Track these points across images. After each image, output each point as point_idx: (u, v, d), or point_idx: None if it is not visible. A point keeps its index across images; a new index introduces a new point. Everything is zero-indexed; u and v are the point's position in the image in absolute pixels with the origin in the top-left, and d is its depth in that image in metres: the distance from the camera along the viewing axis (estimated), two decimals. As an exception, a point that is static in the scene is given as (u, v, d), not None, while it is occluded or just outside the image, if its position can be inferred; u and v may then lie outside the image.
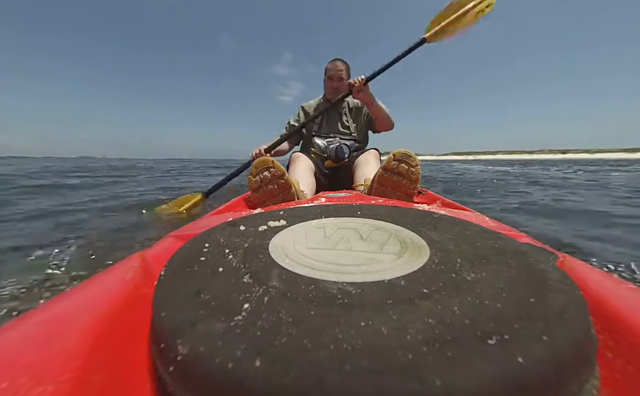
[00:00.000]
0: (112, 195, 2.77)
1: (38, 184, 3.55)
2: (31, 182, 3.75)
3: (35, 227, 1.51)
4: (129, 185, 3.72)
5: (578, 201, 2.39)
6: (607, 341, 0.23)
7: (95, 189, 3.33)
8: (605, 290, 0.27)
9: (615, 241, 1.23)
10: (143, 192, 3.05)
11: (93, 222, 1.64)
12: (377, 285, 0.25)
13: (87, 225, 1.55)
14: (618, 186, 3.54)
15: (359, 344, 0.18)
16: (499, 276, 0.26)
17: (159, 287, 0.27)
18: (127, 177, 5.09)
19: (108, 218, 1.76)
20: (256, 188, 0.95)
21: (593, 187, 3.55)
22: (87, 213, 1.87)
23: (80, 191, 3.11)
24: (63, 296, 0.28)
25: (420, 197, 1.18)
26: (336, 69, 1.61)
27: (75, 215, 1.80)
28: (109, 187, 3.52)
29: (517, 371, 0.16)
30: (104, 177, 5.02)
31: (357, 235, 0.39)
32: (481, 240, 0.36)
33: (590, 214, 1.80)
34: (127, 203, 2.26)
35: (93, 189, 3.25)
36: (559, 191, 3.08)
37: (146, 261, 0.36)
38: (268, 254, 0.33)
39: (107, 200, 2.43)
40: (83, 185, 3.64)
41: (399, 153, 0.93)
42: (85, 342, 0.21)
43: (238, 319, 0.21)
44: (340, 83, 1.62)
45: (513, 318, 0.20)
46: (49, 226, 1.52)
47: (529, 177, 5.36)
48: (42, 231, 1.44)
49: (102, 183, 4.06)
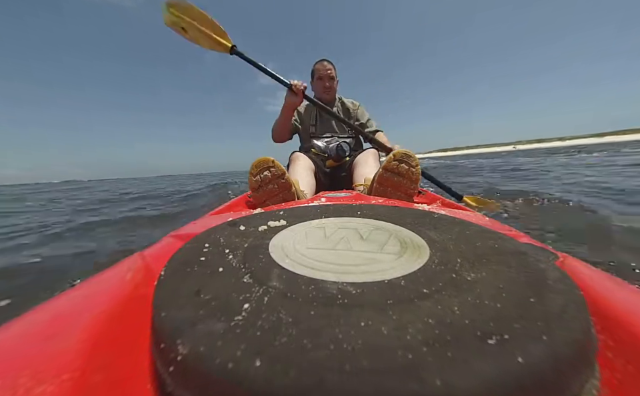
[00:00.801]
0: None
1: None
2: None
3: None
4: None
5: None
6: (607, 340, 0.23)
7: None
8: (605, 290, 0.27)
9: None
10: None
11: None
12: (377, 285, 0.25)
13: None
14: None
15: (359, 344, 0.18)
16: (498, 276, 0.26)
17: (158, 287, 0.27)
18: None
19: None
20: (256, 187, 0.95)
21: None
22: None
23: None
24: (63, 295, 0.28)
25: (420, 197, 1.18)
26: (325, 69, 1.63)
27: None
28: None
29: (517, 371, 0.16)
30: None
31: (357, 235, 0.39)
32: (481, 240, 0.36)
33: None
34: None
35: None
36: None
37: (146, 261, 0.36)
38: (268, 254, 0.33)
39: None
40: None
41: (399, 153, 0.93)
42: (85, 342, 0.21)
43: (238, 318, 0.21)
44: (331, 81, 1.64)
45: (513, 318, 0.20)
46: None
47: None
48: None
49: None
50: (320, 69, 1.64)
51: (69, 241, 1.95)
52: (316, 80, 1.66)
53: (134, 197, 5.14)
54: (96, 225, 2.40)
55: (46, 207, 4.34)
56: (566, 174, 4.03)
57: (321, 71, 1.64)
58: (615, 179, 3.04)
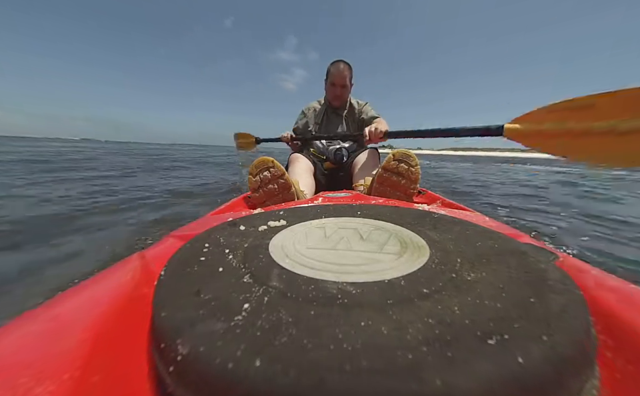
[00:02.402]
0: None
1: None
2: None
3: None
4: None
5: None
6: (607, 340, 0.23)
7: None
8: (605, 290, 0.27)
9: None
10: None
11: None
12: (377, 284, 0.25)
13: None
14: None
15: (359, 344, 0.18)
16: (498, 276, 0.26)
17: (158, 287, 0.27)
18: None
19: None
20: (256, 188, 0.95)
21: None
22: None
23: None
24: (63, 296, 0.28)
25: (420, 197, 1.18)
26: (340, 75, 1.51)
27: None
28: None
29: (517, 371, 0.16)
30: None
31: (356, 235, 0.39)
32: (481, 240, 0.36)
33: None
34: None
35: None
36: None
37: (146, 260, 0.36)
38: (268, 254, 0.33)
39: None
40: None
41: (399, 153, 0.93)
42: (85, 341, 0.21)
43: (238, 318, 0.21)
44: (343, 89, 1.54)
45: (513, 318, 0.20)
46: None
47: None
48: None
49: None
50: (335, 73, 1.52)
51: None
52: (329, 84, 1.56)
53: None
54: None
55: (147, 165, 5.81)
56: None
57: (335, 77, 1.52)
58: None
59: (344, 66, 1.53)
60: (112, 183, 3.03)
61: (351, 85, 1.60)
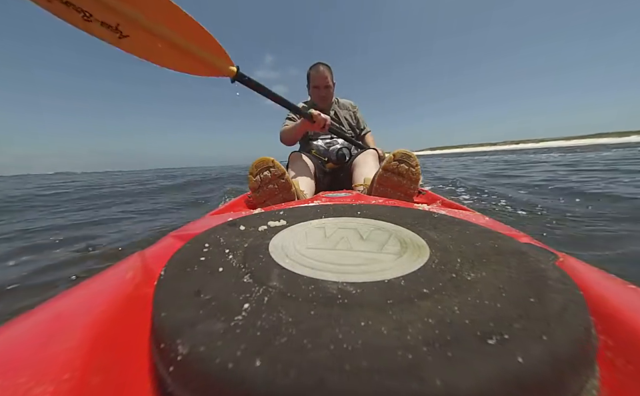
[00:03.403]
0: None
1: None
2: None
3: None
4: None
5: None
6: (607, 340, 0.23)
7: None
8: (605, 290, 0.27)
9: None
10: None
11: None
12: (377, 284, 0.25)
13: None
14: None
15: (359, 344, 0.18)
16: (498, 276, 0.26)
17: (158, 287, 0.27)
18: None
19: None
20: (256, 188, 0.95)
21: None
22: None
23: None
24: (63, 295, 0.28)
25: (420, 197, 1.18)
26: (321, 77, 1.56)
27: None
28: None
29: (517, 371, 0.16)
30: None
31: (357, 235, 0.39)
32: (481, 240, 0.36)
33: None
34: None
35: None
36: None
37: (146, 260, 0.36)
38: (268, 254, 0.33)
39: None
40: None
41: (399, 153, 0.93)
42: (85, 342, 0.21)
43: (238, 318, 0.21)
44: (327, 90, 1.59)
45: (513, 318, 0.20)
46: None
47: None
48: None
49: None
50: (316, 76, 1.56)
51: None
52: (312, 88, 1.61)
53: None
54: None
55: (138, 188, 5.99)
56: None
57: (316, 80, 1.57)
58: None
59: (323, 68, 1.57)
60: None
61: (333, 84, 1.64)
